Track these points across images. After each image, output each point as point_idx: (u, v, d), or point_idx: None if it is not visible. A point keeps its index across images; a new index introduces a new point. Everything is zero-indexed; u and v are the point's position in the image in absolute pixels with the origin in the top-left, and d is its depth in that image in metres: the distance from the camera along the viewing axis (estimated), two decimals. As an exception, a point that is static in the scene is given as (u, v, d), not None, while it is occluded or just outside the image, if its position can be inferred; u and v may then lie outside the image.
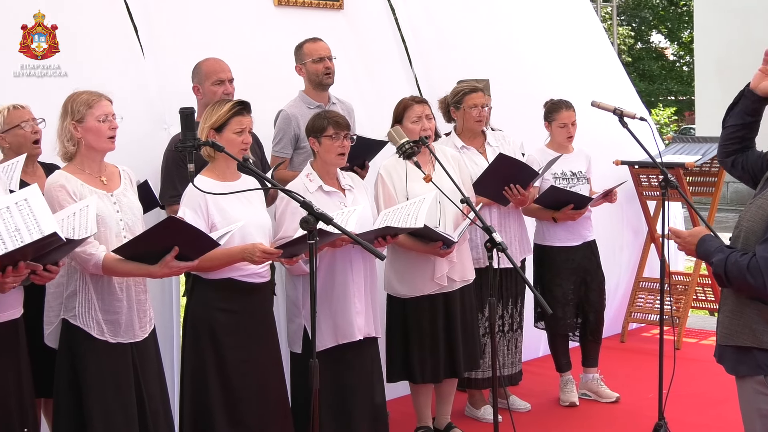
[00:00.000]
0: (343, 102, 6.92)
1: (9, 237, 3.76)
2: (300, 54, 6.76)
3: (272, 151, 6.58)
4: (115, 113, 4.88)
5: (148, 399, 4.88)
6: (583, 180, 7.28)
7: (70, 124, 4.79)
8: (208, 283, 5.27)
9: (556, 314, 7.13)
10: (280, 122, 6.62)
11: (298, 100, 6.72)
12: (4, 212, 3.83)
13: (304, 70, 6.73)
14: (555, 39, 9.23)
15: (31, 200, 3.88)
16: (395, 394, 7.24)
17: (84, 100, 4.81)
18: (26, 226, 3.80)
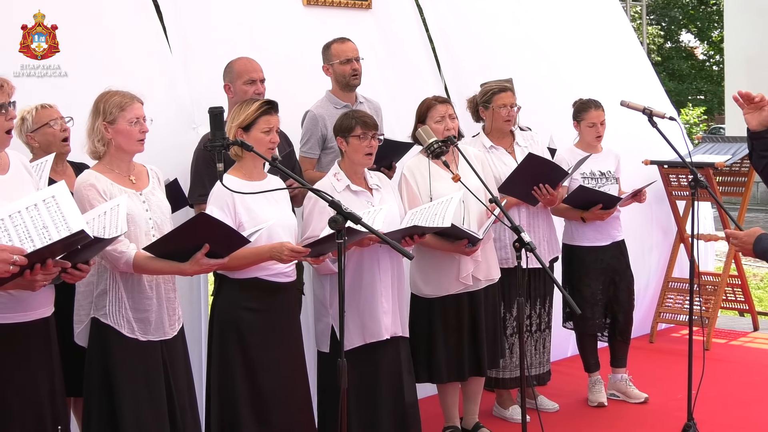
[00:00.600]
0: (370, 101, 6.92)
1: (37, 234, 3.77)
2: (327, 54, 6.77)
3: (300, 151, 6.59)
4: (146, 116, 4.90)
5: (176, 396, 4.90)
6: (612, 180, 7.25)
7: (102, 124, 4.81)
8: (235, 282, 5.28)
9: (585, 314, 7.11)
10: (308, 123, 6.63)
11: (325, 100, 6.73)
12: (32, 210, 3.84)
13: (331, 70, 6.74)
14: (583, 38, 9.21)
15: (58, 197, 3.89)
16: (423, 393, 7.21)
17: (116, 102, 4.82)
18: (54, 223, 3.81)
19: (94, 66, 6.03)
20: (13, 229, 3.75)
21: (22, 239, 3.73)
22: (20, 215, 3.80)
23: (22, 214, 3.81)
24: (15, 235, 3.74)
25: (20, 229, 3.76)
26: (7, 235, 3.73)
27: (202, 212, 4.78)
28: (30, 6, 3.54)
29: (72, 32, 5.93)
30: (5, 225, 3.77)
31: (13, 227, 3.76)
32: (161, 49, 6.71)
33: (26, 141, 5.48)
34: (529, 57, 8.67)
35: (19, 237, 3.74)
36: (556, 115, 7.86)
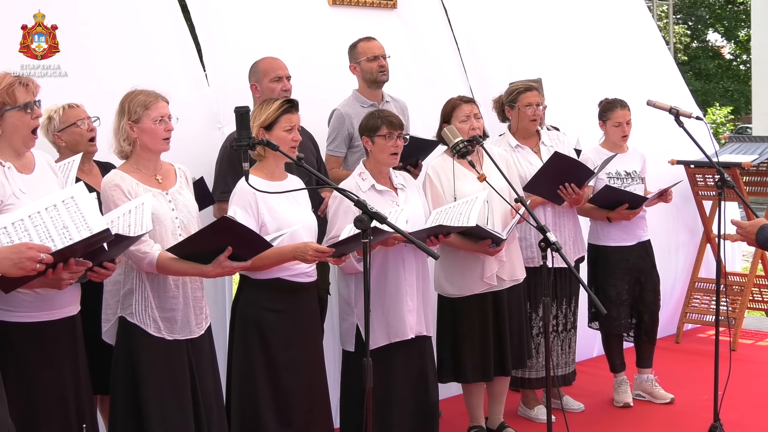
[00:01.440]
0: (397, 100, 6.93)
1: (57, 234, 3.78)
2: (354, 53, 6.79)
3: (326, 150, 6.61)
4: (171, 114, 4.91)
5: (202, 395, 4.91)
6: (638, 179, 7.23)
7: (127, 123, 4.83)
8: (256, 282, 5.29)
9: (611, 314, 7.10)
10: (334, 121, 6.65)
11: (352, 99, 6.74)
12: (51, 210, 3.85)
13: (358, 68, 6.75)
14: (608, 37, 9.19)
15: (77, 198, 3.90)
16: (448, 393, 7.23)
17: (141, 101, 4.84)
18: (74, 223, 3.82)
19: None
20: (33, 230, 3.77)
21: (43, 239, 3.74)
22: (40, 216, 3.81)
23: (42, 214, 3.82)
24: (35, 235, 3.75)
25: (40, 230, 3.77)
26: (27, 236, 3.74)
27: (224, 216, 4.78)
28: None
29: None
30: (25, 225, 3.78)
31: (33, 227, 3.77)
32: (188, 50, 6.73)
33: (53, 140, 5.50)
34: (554, 57, 8.65)
35: (39, 237, 3.75)
36: (582, 115, 7.84)
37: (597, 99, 7.35)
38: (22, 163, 4.33)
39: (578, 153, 7.26)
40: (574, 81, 8.63)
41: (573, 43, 8.91)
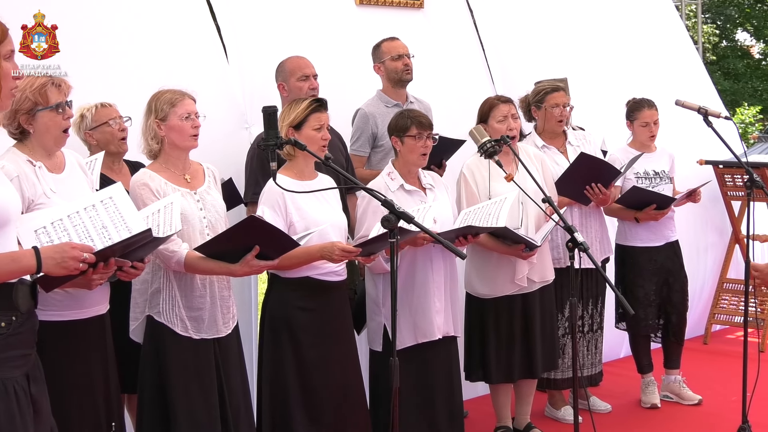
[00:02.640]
0: (421, 101, 6.93)
1: (97, 234, 3.81)
2: (378, 53, 6.80)
3: (349, 149, 6.63)
4: (198, 112, 4.93)
5: (229, 394, 4.92)
6: (666, 180, 7.21)
7: (154, 122, 4.85)
8: (286, 281, 5.30)
9: (638, 315, 7.07)
10: (358, 121, 6.66)
11: (376, 98, 6.75)
12: (90, 210, 3.88)
13: (382, 68, 6.77)
14: (635, 37, 9.17)
15: (116, 198, 3.94)
16: (474, 393, 7.23)
17: (167, 99, 4.87)
18: (113, 223, 3.86)
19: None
20: (72, 229, 3.79)
21: (83, 239, 3.77)
22: (79, 215, 3.85)
23: (81, 214, 3.85)
24: (75, 234, 3.78)
25: (80, 229, 3.80)
26: (67, 235, 3.77)
27: (252, 215, 4.79)
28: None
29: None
30: (64, 225, 3.81)
31: (73, 227, 3.80)
32: (214, 50, 6.76)
33: (84, 138, 5.54)
34: (580, 57, 8.64)
35: (78, 237, 3.78)
36: (609, 115, 7.82)
37: (624, 99, 7.33)
38: (53, 162, 4.37)
39: (604, 154, 7.24)
40: (600, 81, 8.61)
41: (599, 42, 8.89)
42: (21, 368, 3.51)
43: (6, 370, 3.44)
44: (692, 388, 7.41)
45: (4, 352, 3.44)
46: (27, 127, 4.30)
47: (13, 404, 3.43)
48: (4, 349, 3.44)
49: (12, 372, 3.46)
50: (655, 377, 7.41)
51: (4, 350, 3.43)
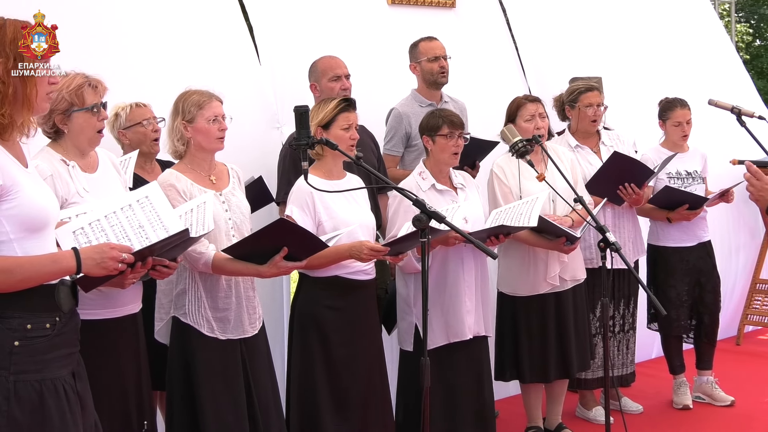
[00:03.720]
0: (456, 101, 6.92)
1: (134, 234, 3.82)
2: (415, 53, 6.79)
3: (383, 149, 6.63)
4: (225, 114, 4.93)
5: (258, 394, 4.93)
6: (699, 180, 7.17)
7: (181, 123, 4.86)
8: (315, 280, 5.31)
9: (670, 315, 7.04)
10: (392, 120, 6.66)
11: (410, 98, 6.75)
12: (126, 210, 3.90)
13: (418, 68, 6.77)
14: (671, 35, 9.13)
15: (152, 198, 3.95)
16: (506, 393, 7.22)
17: (195, 101, 4.87)
18: (150, 223, 3.87)
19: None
20: (110, 229, 3.81)
21: (120, 239, 3.79)
22: (116, 215, 3.86)
23: (118, 214, 3.87)
24: (112, 234, 3.80)
25: (117, 229, 3.82)
26: (104, 235, 3.79)
27: (281, 218, 4.79)
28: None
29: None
30: (102, 225, 3.82)
31: (110, 227, 3.82)
32: (246, 50, 6.78)
33: (117, 137, 5.57)
34: (613, 55, 8.62)
35: (116, 237, 3.80)
36: (642, 115, 7.79)
37: (659, 98, 7.30)
38: (86, 162, 4.39)
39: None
40: (634, 80, 8.59)
41: (634, 40, 8.87)
42: (67, 367, 3.56)
43: (54, 369, 3.48)
44: (725, 390, 7.37)
45: (51, 353, 3.48)
46: (62, 127, 4.33)
47: (64, 402, 3.48)
48: (51, 350, 3.48)
49: (60, 371, 3.50)
50: (687, 378, 7.37)
51: (50, 351, 3.48)
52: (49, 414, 3.42)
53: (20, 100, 3.44)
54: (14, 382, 3.37)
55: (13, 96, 3.41)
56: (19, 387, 3.38)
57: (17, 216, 3.40)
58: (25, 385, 3.39)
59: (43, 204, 3.49)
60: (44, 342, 3.46)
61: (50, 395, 3.44)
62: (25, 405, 3.38)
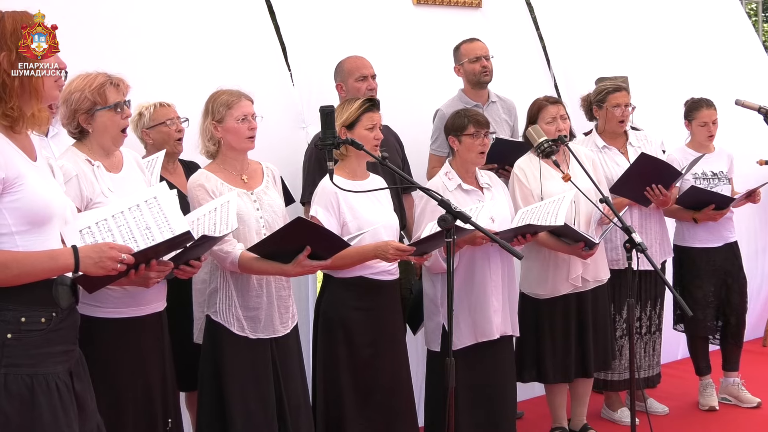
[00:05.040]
0: (504, 99, 6.96)
1: (140, 235, 3.79)
2: (458, 55, 6.86)
3: (430, 149, 6.70)
4: (255, 113, 4.94)
5: (288, 394, 4.92)
6: (725, 180, 7.14)
7: (211, 124, 4.87)
8: (339, 281, 5.32)
9: (696, 316, 7.00)
10: (437, 121, 6.69)
11: (456, 99, 6.79)
12: (134, 210, 3.86)
13: (462, 70, 6.83)
14: (698, 34, 9.09)
15: (160, 198, 3.91)
16: (531, 394, 7.21)
17: (224, 101, 4.88)
18: (157, 224, 3.84)
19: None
20: (116, 229, 3.78)
21: (126, 239, 3.76)
22: (123, 215, 3.83)
23: (125, 214, 3.84)
24: (118, 235, 3.77)
25: (123, 230, 3.80)
26: (110, 236, 3.76)
27: (298, 217, 4.80)
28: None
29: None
30: (108, 225, 3.80)
31: (117, 227, 3.79)
32: (273, 50, 6.80)
33: (141, 136, 5.58)
34: (640, 54, 8.59)
35: (122, 237, 3.77)
36: (670, 115, 7.75)
37: (685, 98, 7.27)
38: (111, 161, 4.40)
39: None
40: (662, 79, 8.55)
41: (660, 39, 8.83)
42: (63, 364, 3.52)
43: (47, 365, 3.44)
44: (751, 391, 7.34)
45: (45, 348, 3.44)
46: (86, 126, 4.33)
47: (56, 400, 3.44)
48: (45, 345, 3.44)
49: (54, 367, 3.47)
50: (713, 379, 7.35)
51: (44, 346, 3.44)
52: (39, 410, 3.38)
53: (28, 91, 3.43)
54: (5, 375, 3.34)
55: (20, 88, 3.41)
56: (10, 380, 3.35)
57: (20, 209, 3.38)
58: (15, 378, 3.36)
59: (47, 198, 3.47)
60: (38, 336, 3.42)
61: (42, 391, 3.40)
62: (15, 399, 3.35)
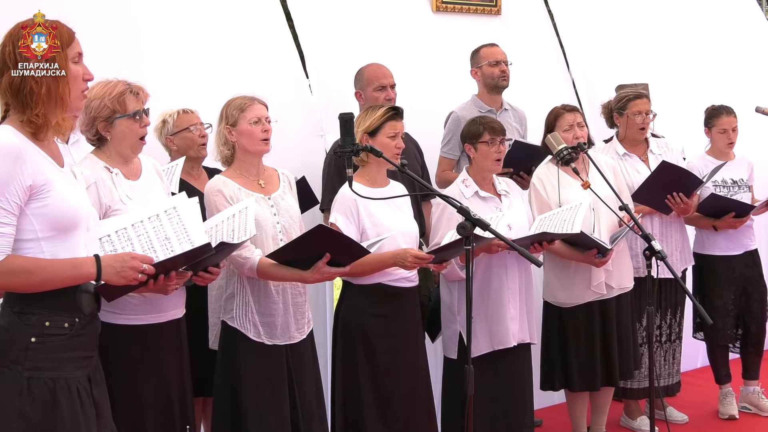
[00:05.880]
0: (516, 109, 6.95)
1: (160, 245, 3.79)
2: (476, 58, 6.85)
3: (441, 152, 6.68)
4: (269, 116, 4.95)
5: (301, 400, 4.93)
6: (745, 188, 7.12)
7: (225, 128, 4.91)
8: (358, 288, 5.33)
9: (716, 325, 6.98)
10: (450, 124, 6.69)
11: (470, 103, 6.78)
12: (154, 220, 3.86)
13: (479, 73, 6.81)
14: (718, 41, 9.07)
15: (180, 209, 3.90)
16: (550, 401, 7.20)
17: (237, 105, 4.91)
18: (176, 235, 3.83)
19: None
20: (136, 239, 3.78)
21: (145, 249, 3.77)
22: (143, 225, 3.84)
23: (145, 224, 3.84)
24: (138, 244, 3.77)
25: (143, 239, 3.80)
26: (130, 245, 3.77)
27: (320, 224, 4.80)
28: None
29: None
30: (128, 234, 3.80)
31: (136, 236, 3.80)
32: (291, 57, 6.81)
33: (165, 143, 5.62)
34: (660, 61, 8.58)
35: (141, 247, 3.77)
36: (689, 122, 7.74)
37: (705, 105, 7.26)
38: (129, 169, 4.42)
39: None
40: (682, 86, 8.55)
41: (681, 47, 8.82)
42: (83, 369, 3.56)
43: (69, 370, 3.49)
44: (771, 400, 7.31)
45: (67, 353, 3.49)
46: (105, 134, 4.36)
47: (77, 403, 3.48)
48: (67, 350, 3.49)
49: (74, 372, 3.51)
50: (733, 388, 7.32)
51: (66, 351, 3.48)
52: (60, 413, 3.43)
53: (54, 99, 3.46)
54: (28, 378, 3.39)
55: (46, 95, 3.44)
56: (33, 384, 3.39)
57: (47, 215, 3.42)
58: (38, 382, 3.40)
59: (73, 204, 3.50)
60: (61, 341, 3.47)
61: (63, 395, 3.45)
62: (38, 402, 3.40)
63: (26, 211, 3.40)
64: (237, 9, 6.59)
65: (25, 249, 3.42)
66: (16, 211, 3.37)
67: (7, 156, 3.34)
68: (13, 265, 3.35)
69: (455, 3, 7.74)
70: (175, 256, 3.78)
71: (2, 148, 3.34)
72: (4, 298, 3.49)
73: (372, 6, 7.31)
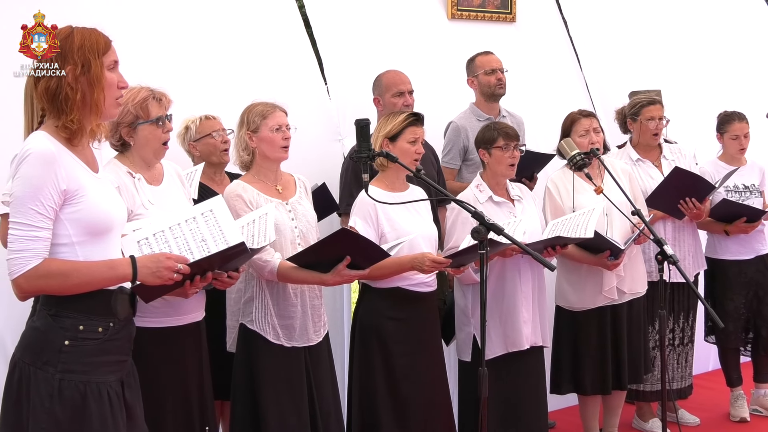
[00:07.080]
0: (513, 115, 6.95)
1: (196, 247, 3.85)
2: (472, 67, 6.86)
3: (441, 161, 6.68)
4: (289, 124, 5.01)
5: (320, 401, 4.98)
6: (756, 193, 7.16)
7: (246, 134, 4.97)
8: (377, 291, 5.37)
9: (728, 328, 7.01)
10: (450, 133, 6.71)
11: (468, 112, 6.80)
12: (191, 222, 3.91)
13: (476, 82, 6.82)
14: (730, 47, 9.07)
15: (216, 211, 3.97)
16: (563, 404, 7.22)
17: (259, 111, 4.97)
18: (212, 236, 3.89)
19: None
20: (173, 241, 3.83)
21: (182, 251, 3.82)
22: (180, 227, 3.89)
23: (182, 226, 3.90)
24: (175, 246, 3.83)
25: (180, 241, 3.85)
26: (167, 247, 3.82)
27: (343, 227, 4.86)
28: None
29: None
30: (165, 236, 3.85)
31: (173, 239, 3.85)
32: (309, 63, 6.87)
33: (188, 149, 5.68)
34: (674, 67, 8.59)
35: (179, 248, 3.83)
36: (702, 127, 7.77)
37: (717, 111, 7.29)
38: (152, 174, 4.48)
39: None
40: (695, 92, 8.56)
41: (694, 53, 8.83)
42: (115, 373, 3.58)
43: (100, 374, 3.51)
44: (782, 403, 7.35)
45: (100, 357, 3.51)
46: (128, 139, 4.41)
47: (106, 407, 3.50)
48: (100, 354, 3.51)
49: (106, 377, 3.53)
50: (744, 391, 7.35)
51: (99, 355, 3.51)
52: (89, 417, 3.44)
53: (89, 106, 3.49)
54: (59, 381, 3.41)
55: (81, 101, 3.47)
56: (64, 386, 3.41)
57: (81, 220, 3.45)
58: (69, 384, 3.42)
59: (107, 209, 3.53)
60: (94, 345, 3.49)
61: (93, 398, 3.46)
62: (67, 404, 3.41)
63: (60, 216, 3.42)
64: (257, 17, 6.64)
65: (60, 253, 3.44)
66: (52, 215, 3.39)
67: (41, 161, 3.37)
68: (50, 268, 3.38)
69: (470, 10, 7.78)
70: (210, 255, 3.83)
71: (37, 154, 3.37)
72: (41, 300, 3.51)
73: (388, 13, 7.35)
